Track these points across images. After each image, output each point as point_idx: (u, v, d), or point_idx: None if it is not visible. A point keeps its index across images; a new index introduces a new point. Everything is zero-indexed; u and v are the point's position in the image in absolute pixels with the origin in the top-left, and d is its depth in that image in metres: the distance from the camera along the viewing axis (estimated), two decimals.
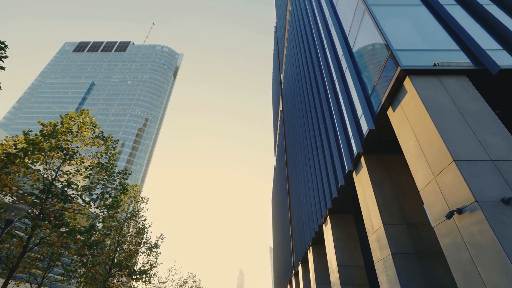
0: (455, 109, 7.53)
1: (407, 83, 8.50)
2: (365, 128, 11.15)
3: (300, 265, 30.42)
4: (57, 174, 12.62)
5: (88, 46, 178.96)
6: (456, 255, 6.29)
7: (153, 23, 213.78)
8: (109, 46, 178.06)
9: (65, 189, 12.29)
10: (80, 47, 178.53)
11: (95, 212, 15.21)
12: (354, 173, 13.30)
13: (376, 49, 10.33)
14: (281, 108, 57.59)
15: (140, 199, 22.18)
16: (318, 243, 23.74)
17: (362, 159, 12.17)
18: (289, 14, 42.62)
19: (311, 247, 24.45)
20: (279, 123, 62.42)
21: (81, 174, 14.28)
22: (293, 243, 38.14)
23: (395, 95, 9.20)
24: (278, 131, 66.85)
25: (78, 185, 13.17)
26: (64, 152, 12.98)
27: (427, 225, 10.12)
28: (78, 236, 12.77)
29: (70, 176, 14.05)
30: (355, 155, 12.28)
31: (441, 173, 6.84)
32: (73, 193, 13.18)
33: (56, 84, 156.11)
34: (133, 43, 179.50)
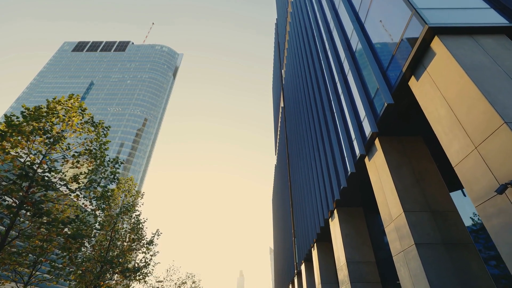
0: (497, 68, 6.34)
1: (436, 44, 7.32)
2: (380, 105, 9.96)
3: (304, 264, 29.17)
4: (40, 160, 11.42)
5: (87, 46, 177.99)
6: (510, 238, 5.09)
7: (153, 23, 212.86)
8: (108, 46, 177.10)
9: (46, 174, 11.09)
10: (79, 46, 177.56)
11: (84, 204, 13.99)
12: (366, 159, 12.10)
13: (394, 15, 9.16)
14: (282, 105, 56.41)
15: (135, 193, 20.96)
16: (324, 239, 22.51)
17: (377, 141, 10.98)
18: (290, 6, 41.55)
19: (315, 244, 23.22)
20: (280, 120, 61.25)
21: (67, 161, 13.07)
22: (295, 242, 36.89)
23: (419, 61, 8.02)
24: (279, 128, 65.68)
25: (63, 173, 11.94)
26: (48, 135, 11.75)
27: (454, 212, 8.91)
28: (64, 230, 11.52)
29: (55, 163, 12.86)
30: (368, 137, 11.08)
31: (486, 140, 5.65)
32: (57, 181, 11.96)
33: (55, 83, 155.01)
34: (133, 43, 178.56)
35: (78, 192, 11.72)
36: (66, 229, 13.21)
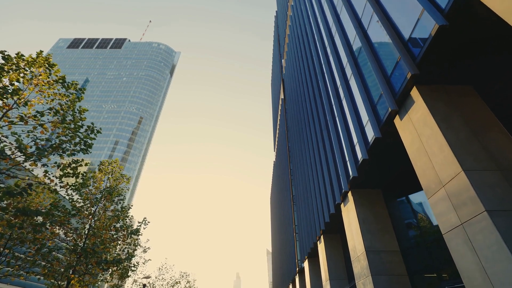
0: None
1: None
2: (421, 40, 7.62)
3: (307, 260, 26.72)
4: None
5: (83, 43, 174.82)
6: None
7: (150, 21, 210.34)
8: (104, 43, 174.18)
9: None
10: (75, 43, 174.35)
11: (49, 178, 11.46)
12: (397, 118, 9.74)
13: None
14: (282, 96, 54.16)
15: (120, 177, 18.47)
16: (331, 231, 20.12)
17: (415, 90, 8.63)
18: None
19: (322, 237, 20.81)
20: (280, 112, 58.94)
21: (26, 123, 10.58)
22: (296, 238, 34.44)
23: None
24: (278, 122, 63.34)
25: (16, 134, 9.46)
26: None
27: None
28: (10, 201, 9.02)
29: (13, 127, 10.45)
30: (403, 86, 8.73)
31: None
32: (8, 146, 9.47)
33: None
34: (129, 40, 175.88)
35: (35, 158, 9.18)
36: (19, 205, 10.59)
